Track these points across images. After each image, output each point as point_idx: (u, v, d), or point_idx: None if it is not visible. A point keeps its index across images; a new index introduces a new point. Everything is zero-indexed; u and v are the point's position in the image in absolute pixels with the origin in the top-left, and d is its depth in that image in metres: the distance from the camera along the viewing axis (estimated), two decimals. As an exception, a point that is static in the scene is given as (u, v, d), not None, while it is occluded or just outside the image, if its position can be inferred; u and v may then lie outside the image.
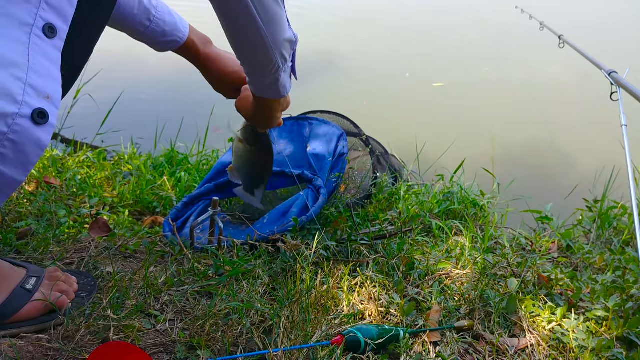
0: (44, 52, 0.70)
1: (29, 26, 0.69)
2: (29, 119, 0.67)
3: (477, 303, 1.09)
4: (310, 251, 1.17)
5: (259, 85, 1.02)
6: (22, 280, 0.95)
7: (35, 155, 0.69)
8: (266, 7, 0.86)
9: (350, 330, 0.92)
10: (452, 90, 4.01)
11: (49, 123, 0.69)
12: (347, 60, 4.56)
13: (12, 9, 0.67)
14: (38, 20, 0.70)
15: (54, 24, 0.72)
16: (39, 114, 0.68)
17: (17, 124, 0.66)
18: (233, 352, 0.89)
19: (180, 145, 2.26)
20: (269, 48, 0.91)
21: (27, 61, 0.67)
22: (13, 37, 0.67)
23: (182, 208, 1.50)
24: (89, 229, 1.36)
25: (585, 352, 0.99)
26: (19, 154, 0.67)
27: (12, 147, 0.66)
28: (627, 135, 1.29)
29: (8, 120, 0.65)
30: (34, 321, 0.92)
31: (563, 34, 2.08)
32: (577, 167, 2.82)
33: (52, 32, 0.71)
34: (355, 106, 3.32)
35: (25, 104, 0.66)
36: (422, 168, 2.22)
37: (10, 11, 0.67)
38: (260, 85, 1.02)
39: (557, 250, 1.51)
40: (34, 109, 0.67)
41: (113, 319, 0.92)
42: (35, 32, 0.69)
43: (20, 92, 0.66)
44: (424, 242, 1.41)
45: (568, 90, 4.03)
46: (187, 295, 1.05)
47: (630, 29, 5.95)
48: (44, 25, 0.70)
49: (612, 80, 1.43)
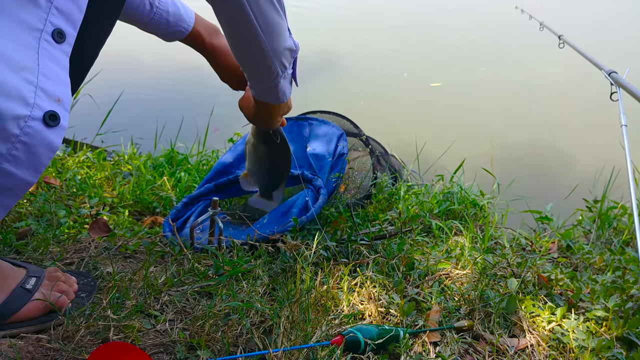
0: (53, 57, 0.71)
1: (39, 31, 0.69)
2: (41, 121, 0.67)
3: (477, 303, 1.09)
4: (310, 251, 1.17)
5: (258, 89, 1.04)
6: (22, 280, 0.95)
7: (47, 157, 0.70)
8: (266, 17, 0.88)
9: (350, 330, 0.92)
10: (452, 90, 4.01)
11: (60, 125, 0.70)
12: (347, 60, 4.56)
13: (22, 14, 0.68)
14: (47, 26, 0.70)
15: (63, 29, 0.72)
16: (50, 116, 0.68)
17: (29, 126, 0.66)
18: (233, 352, 0.89)
19: (180, 146, 2.26)
20: (268, 56, 0.93)
21: (37, 65, 0.68)
22: (23, 42, 0.67)
23: (182, 208, 1.50)
24: (88, 229, 1.36)
25: (585, 352, 0.99)
26: (31, 156, 0.68)
27: (24, 149, 0.67)
28: (627, 135, 1.29)
29: (20, 123, 0.65)
30: (34, 321, 0.92)
31: (563, 34, 2.08)
32: (577, 167, 2.82)
33: (61, 37, 0.72)
34: (354, 106, 3.32)
35: (37, 106, 0.67)
36: (422, 168, 2.22)
37: (21, 16, 0.67)
38: (259, 90, 1.04)
39: (557, 250, 1.51)
40: (45, 112, 0.68)
41: (113, 319, 0.92)
42: (44, 37, 0.70)
43: (32, 95, 0.67)
44: (423, 242, 1.41)
45: (568, 90, 4.03)
46: (187, 296, 1.05)
47: (630, 29, 5.95)
48: (53, 30, 0.71)
49: (612, 80, 1.43)
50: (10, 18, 0.67)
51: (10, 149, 0.66)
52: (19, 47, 0.67)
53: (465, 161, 2.02)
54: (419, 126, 3.15)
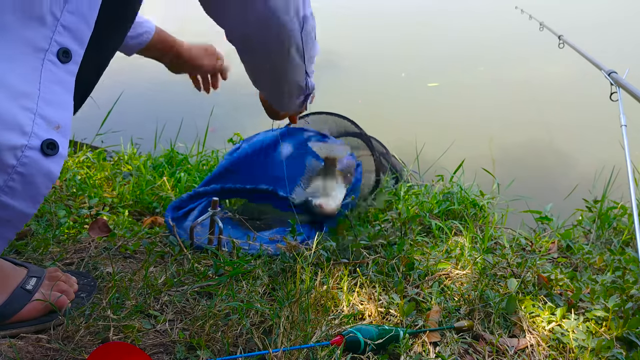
0: (56, 78, 0.68)
1: (43, 51, 0.67)
2: (38, 150, 0.65)
3: (476, 303, 1.09)
4: (310, 251, 1.17)
5: (288, 108, 1.25)
6: (23, 280, 0.95)
7: (45, 188, 0.68)
8: (293, 68, 1.05)
9: (350, 330, 0.92)
10: (452, 91, 4.01)
11: (59, 154, 0.68)
12: (347, 60, 4.55)
13: (26, 33, 0.65)
14: (53, 45, 0.68)
15: (69, 48, 0.70)
16: (49, 145, 0.66)
17: (26, 156, 0.64)
18: (233, 352, 0.89)
19: (180, 146, 2.26)
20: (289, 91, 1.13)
21: (38, 90, 0.66)
22: (25, 64, 0.65)
23: (187, 199, 1.50)
24: (88, 229, 1.36)
25: (584, 352, 0.99)
26: (29, 187, 0.66)
27: (21, 180, 0.65)
28: (626, 135, 1.29)
29: (17, 153, 0.63)
30: (34, 321, 0.93)
31: (563, 34, 2.08)
32: (576, 167, 2.82)
33: (67, 57, 0.70)
34: (354, 106, 3.32)
35: (35, 135, 0.65)
36: (421, 168, 2.22)
37: (25, 35, 0.65)
38: (289, 109, 1.24)
39: (556, 250, 1.51)
40: (43, 140, 0.66)
41: (113, 319, 0.92)
42: (48, 58, 0.67)
43: (30, 123, 0.64)
44: (423, 243, 1.42)
45: (568, 90, 4.03)
46: (187, 296, 1.05)
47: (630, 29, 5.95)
48: (59, 49, 0.68)
49: (611, 81, 1.43)
50: (14, 38, 0.64)
51: (7, 180, 0.64)
52: (20, 70, 0.65)
53: (465, 161, 2.02)
54: (419, 126, 3.14)
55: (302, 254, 1.17)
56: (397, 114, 3.48)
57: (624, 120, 1.32)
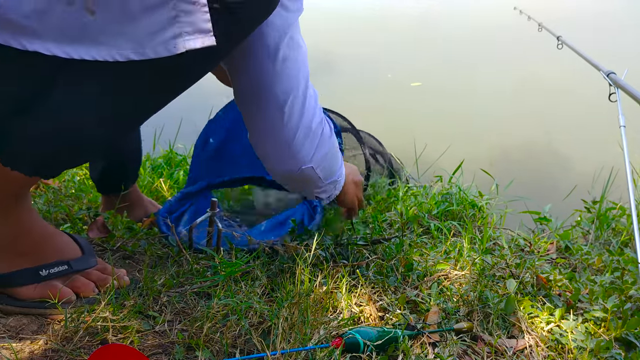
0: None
1: None
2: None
3: (475, 304, 1.09)
4: (309, 252, 1.17)
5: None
6: (49, 263, 0.96)
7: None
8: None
9: (349, 332, 0.92)
10: (451, 91, 4.02)
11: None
12: (348, 60, 4.56)
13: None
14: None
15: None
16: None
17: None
18: (232, 352, 0.89)
19: (179, 147, 2.26)
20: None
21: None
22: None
23: (176, 202, 1.48)
24: (87, 230, 1.36)
25: (583, 353, 0.99)
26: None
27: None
28: (625, 136, 1.29)
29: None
30: (25, 303, 0.94)
31: (561, 35, 2.08)
32: (575, 168, 2.82)
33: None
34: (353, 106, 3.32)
35: None
36: (420, 169, 2.22)
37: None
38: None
39: (555, 251, 1.51)
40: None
41: (112, 320, 0.92)
42: None
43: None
44: (422, 243, 1.42)
45: (566, 91, 4.03)
46: (186, 296, 1.05)
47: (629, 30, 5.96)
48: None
49: (610, 81, 1.43)
50: None
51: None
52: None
53: (463, 162, 2.02)
54: (418, 127, 3.15)
55: (302, 255, 1.17)
56: (397, 114, 3.49)
57: (622, 121, 1.33)
